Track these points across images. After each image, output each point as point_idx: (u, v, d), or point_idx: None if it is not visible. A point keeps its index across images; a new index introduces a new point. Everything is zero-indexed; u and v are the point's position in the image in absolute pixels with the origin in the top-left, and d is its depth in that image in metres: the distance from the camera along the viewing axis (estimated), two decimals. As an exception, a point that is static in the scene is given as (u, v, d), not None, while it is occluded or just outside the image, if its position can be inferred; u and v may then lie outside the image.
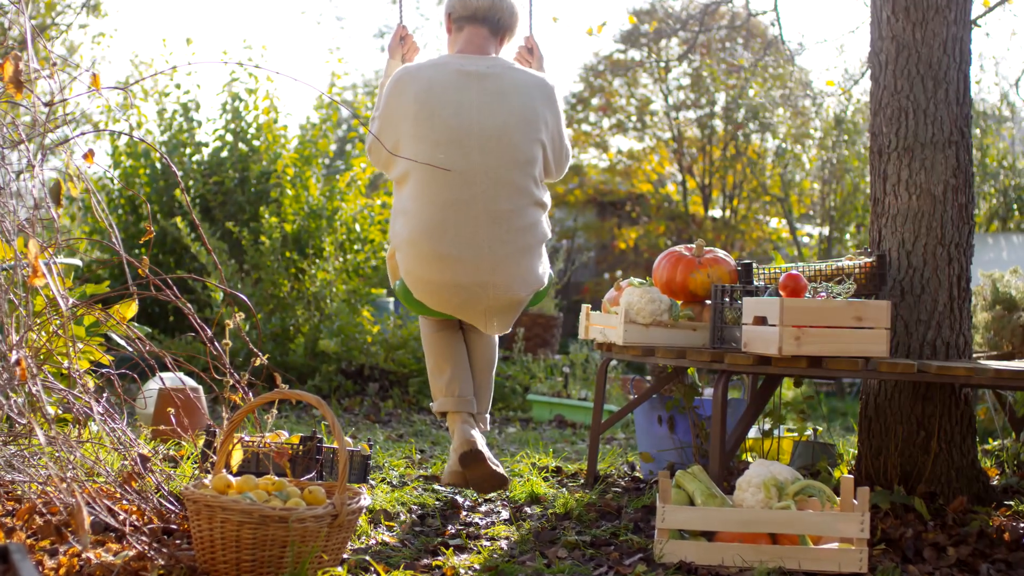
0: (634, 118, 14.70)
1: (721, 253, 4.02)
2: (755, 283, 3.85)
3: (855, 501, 3.09)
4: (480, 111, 3.71)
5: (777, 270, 3.89)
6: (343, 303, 7.71)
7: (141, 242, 3.09)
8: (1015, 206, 10.79)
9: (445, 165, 3.64)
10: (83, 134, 2.66)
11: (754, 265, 3.83)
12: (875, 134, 4.00)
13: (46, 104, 2.46)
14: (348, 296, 7.84)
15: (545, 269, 3.88)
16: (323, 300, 7.65)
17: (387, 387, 7.33)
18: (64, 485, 2.77)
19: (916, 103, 3.88)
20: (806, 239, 13.46)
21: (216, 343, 2.96)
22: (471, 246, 3.69)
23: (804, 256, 12.55)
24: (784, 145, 12.73)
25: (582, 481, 4.29)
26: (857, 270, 3.80)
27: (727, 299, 3.71)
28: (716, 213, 14.37)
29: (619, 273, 14.12)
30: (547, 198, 3.86)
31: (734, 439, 3.61)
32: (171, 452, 3.61)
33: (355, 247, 8.11)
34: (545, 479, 4.27)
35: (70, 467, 2.98)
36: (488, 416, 3.97)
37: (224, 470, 2.82)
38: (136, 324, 3.55)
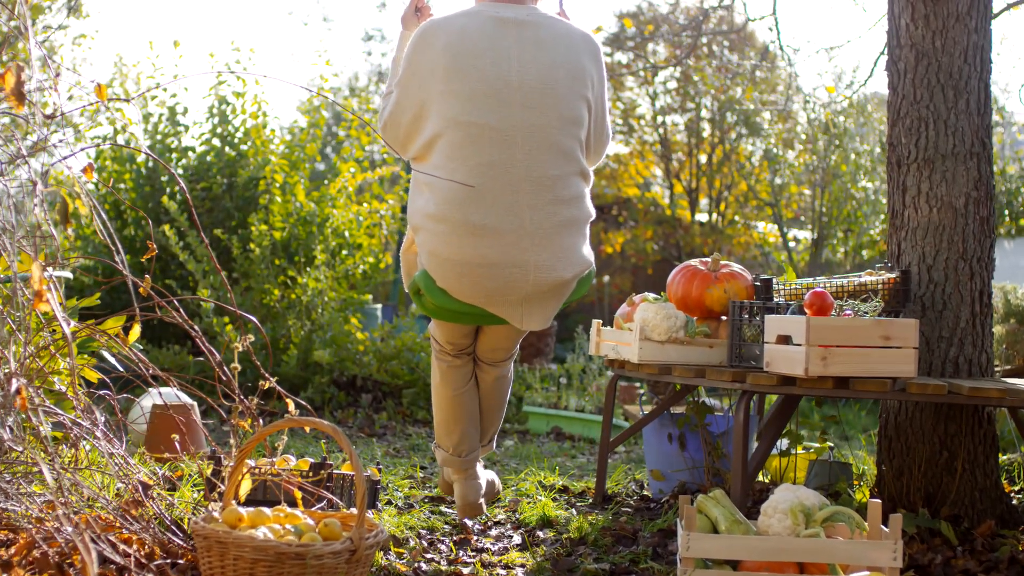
0: (620, 122, 14.61)
1: (737, 267, 3.90)
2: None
3: (884, 528, 2.97)
4: (521, 61, 3.27)
5: (796, 286, 3.78)
6: (336, 312, 7.55)
7: (143, 259, 2.94)
8: (1006, 212, 10.75)
9: (481, 120, 3.22)
10: (84, 149, 2.51)
11: (774, 280, 3.72)
12: (893, 145, 3.89)
13: (48, 117, 2.32)
14: (340, 306, 7.68)
15: (590, 252, 3.44)
16: (315, 310, 7.48)
17: (380, 398, 7.18)
18: (61, 512, 2.62)
19: (936, 113, 3.78)
20: (792, 243, 13.39)
21: (225, 367, 2.82)
22: (509, 215, 3.23)
23: (794, 260, 12.49)
24: (775, 150, 12.66)
25: (591, 501, 4.17)
26: (880, 286, 3.69)
27: (745, 315, 3.59)
28: (703, 217, 14.29)
29: (607, 279, 14.02)
30: (591, 171, 3.43)
31: (755, 461, 3.50)
32: (168, 474, 3.47)
33: (343, 252, 7.95)
34: (554, 499, 4.15)
35: (67, 493, 2.84)
36: (495, 440, 3.78)
37: (233, 501, 2.68)
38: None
